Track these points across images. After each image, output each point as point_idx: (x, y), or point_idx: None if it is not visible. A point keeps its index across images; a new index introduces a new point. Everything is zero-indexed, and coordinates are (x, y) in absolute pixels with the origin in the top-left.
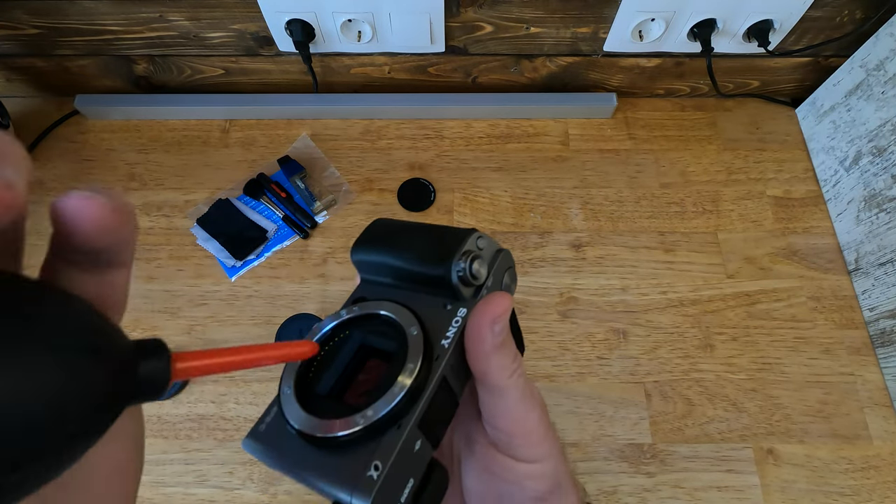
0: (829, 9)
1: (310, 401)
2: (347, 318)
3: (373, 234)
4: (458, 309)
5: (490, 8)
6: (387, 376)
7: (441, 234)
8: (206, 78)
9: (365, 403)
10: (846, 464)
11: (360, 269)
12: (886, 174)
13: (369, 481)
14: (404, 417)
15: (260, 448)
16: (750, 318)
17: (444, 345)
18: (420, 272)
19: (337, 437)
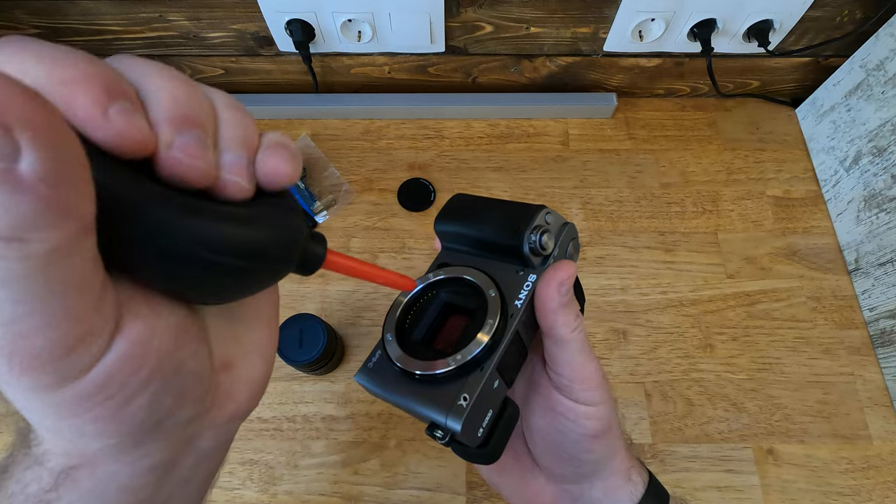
0: (829, 9)
1: (407, 345)
2: (435, 280)
3: (453, 207)
4: (528, 275)
5: (490, 8)
6: (471, 328)
7: (514, 210)
8: (206, 78)
9: (454, 350)
10: (846, 464)
11: (443, 239)
12: (886, 174)
13: (460, 408)
14: (486, 362)
15: (370, 380)
16: (750, 318)
17: (517, 305)
18: (496, 242)
19: (435, 375)
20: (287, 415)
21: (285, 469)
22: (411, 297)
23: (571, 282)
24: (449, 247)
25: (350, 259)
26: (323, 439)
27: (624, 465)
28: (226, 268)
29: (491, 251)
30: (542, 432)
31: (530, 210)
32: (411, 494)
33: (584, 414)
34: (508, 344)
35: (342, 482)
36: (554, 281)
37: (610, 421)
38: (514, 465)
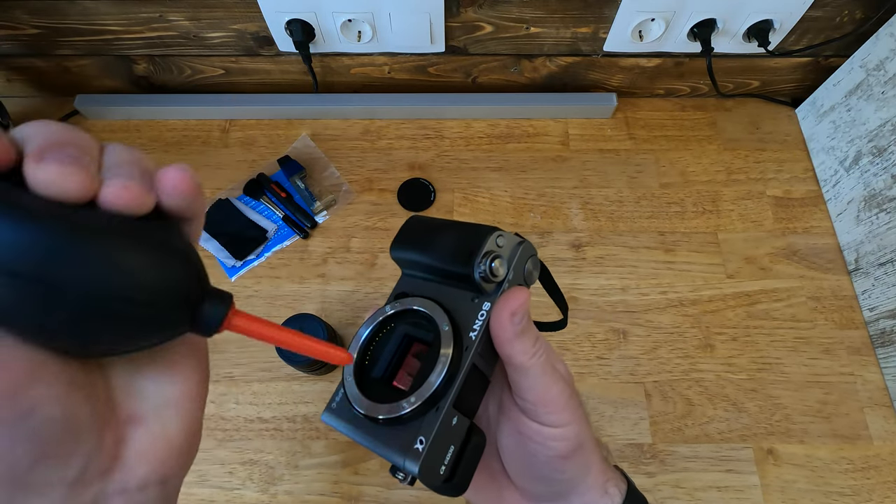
0: (829, 9)
1: (367, 384)
2: (391, 313)
3: (407, 233)
4: (483, 303)
5: (490, 8)
6: (425, 366)
7: (465, 234)
8: (206, 78)
9: (409, 390)
10: (846, 464)
11: (400, 265)
12: (886, 174)
13: (416, 452)
14: (441, 400)
15: (335, 421)
16: (750, 318)
17: (471, 336)
18: (449, 270)
19: (391, 418)
20: (287, 415)
21: (285, 469)
22: (370, 333)
23: (524, 310)
24: (407, 273)
25: (264, 323)
26: (323, 439)
27: (599, 479)
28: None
29: (446, 277)
30: (513, 454)
31: (480, 233)
32: (411, 494)
33: (552, 436)
34: (465, 378)
35: (342, 482)
36: (506, 311)
37: (580, 439)
38: (490, 483)
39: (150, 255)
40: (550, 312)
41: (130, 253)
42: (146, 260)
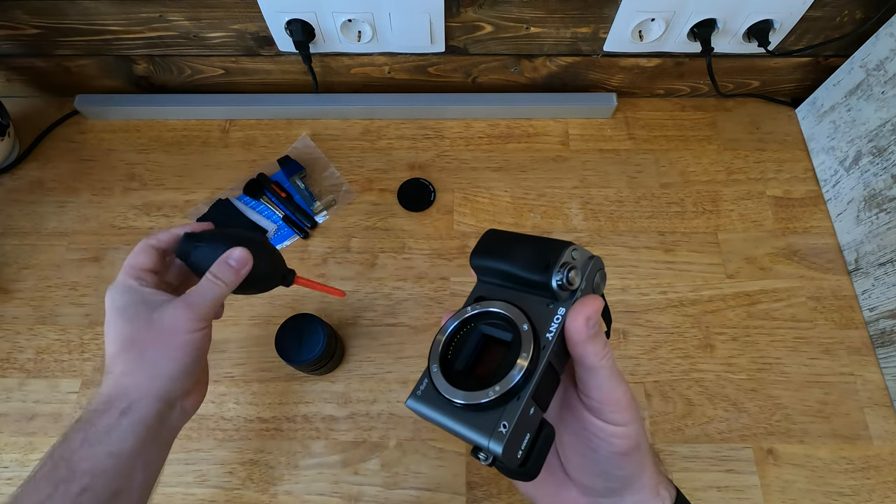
0: (829, 9)
1: (451, 375)
2: (472, 313)
3: (487, 242)
4: (558, 308)
5: (490, 8)
6: (508, 359)
7: (543, 247)
8: (206, 78)
9: (494, 380)
10: (846, 464)
11: (478, 272)
12: (886, 174)
13: (500, 434)
14: (522, 391)
15: (421, 405)
16: (750, 318)
17: (548, 337)
18: (527, 278)
19: (478, 404)
20: (287, 415)
21: (285, 469)
22: (452, 330)
23: (598, 315)
24: (484, 280)
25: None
26: (323, 439)
27: (653, 480)
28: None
29: (522, 285)
30: (574, 449)
31: (558, 247)
32: (411, 494)
33: (614, 433)
34: (542, 373)
35: (342, 482)
36: (582, 315)
37: (638, 439)
38: (549, 478)
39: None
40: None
41: (274, 255)
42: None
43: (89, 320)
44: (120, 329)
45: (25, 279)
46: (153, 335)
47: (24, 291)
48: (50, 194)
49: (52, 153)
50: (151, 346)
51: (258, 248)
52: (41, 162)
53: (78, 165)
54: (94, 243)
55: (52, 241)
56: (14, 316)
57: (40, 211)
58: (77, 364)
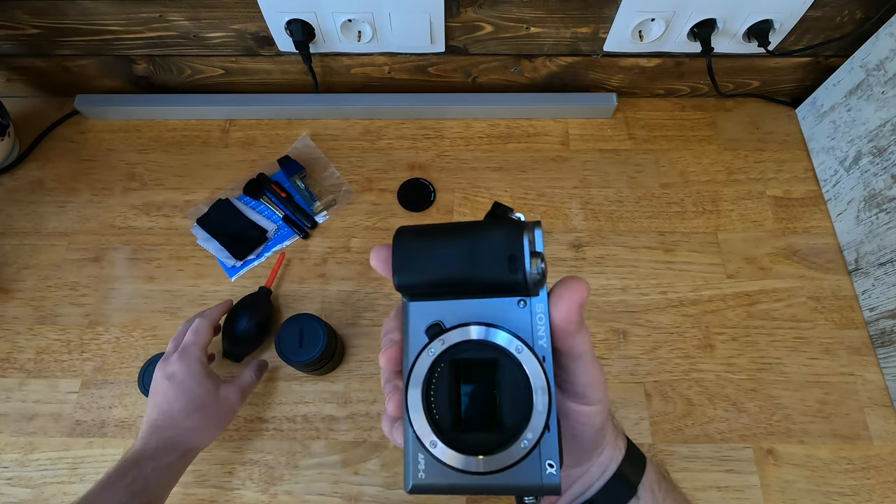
0: (829, 9)
1: (449, 437)
2: (444, 350)
3: (410, 252)
4: (534, 304)
5: (490, 8)
6: (508, 388)
7: (492, 237)
8: (206, 78)
9: (507, 421)
10: (846, 464)
11: (407, 293)
12: (886, 174)
13: (552, 477)
14: (549, 420)
15: (430, 487)
16: (750, 318)
17: (542, 345)
18: (489, 282)
19: (511, 464)
20: (287, 415)
21: (285, 469)
22: (424, 383)
23: (587, 298)
24: (419, 299)
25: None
26: (323, 439)
27: (612, 436)
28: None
29: (480, 290)
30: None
31: (512, 233)
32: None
33: (592, 413)
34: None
35: (342, 482)
36: (575, 303)
37: (608, 412)
38: None
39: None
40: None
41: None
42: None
43: (89, 320)
44: (192, 394)
45: (25, 279)
46: (216, 406)
47: (24, 291)
48: (50, 194)
49: (52, 153)
50: (213, 415)
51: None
52: (41, 162)
53: (78, 165)
54: (94, 243)
55: (52, 241)
56: (14, 316)
57: (40, 211)
58: (77, 364)
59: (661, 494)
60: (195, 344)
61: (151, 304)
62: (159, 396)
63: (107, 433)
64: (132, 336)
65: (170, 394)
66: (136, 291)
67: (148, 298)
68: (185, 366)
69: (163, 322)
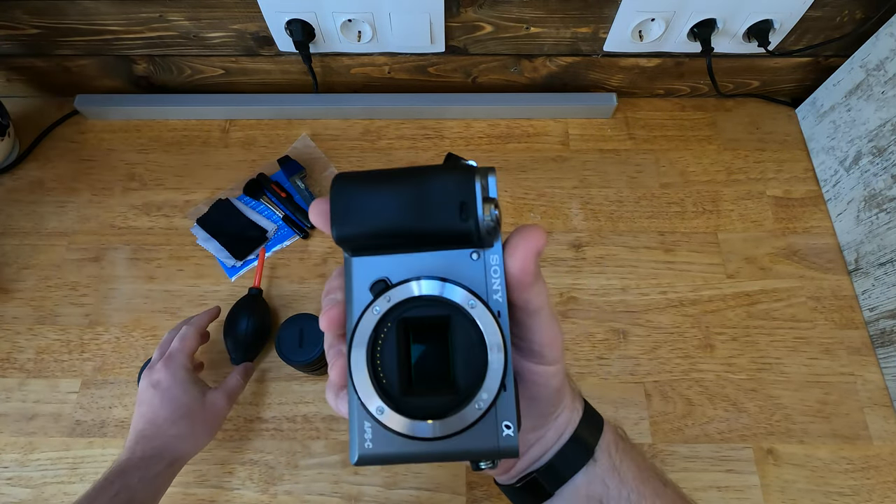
0: (829, 9)
1: (401, 404)
2: (389, 308)
3: (350, 199)
4: (489, 256)
5: (490, 8)
6: (461, 346)
7: (440, 183)
8: (206, 78)
9: (461, 380)
10: (846, 464)
11: (349, 247)
12: (886, 174)
13: (509, 439)
14: (505, 378)
15: (377, 456)
16: (750, 318)
17: (497, 300)
18: (438, 231)
19: (464, 428)
20: (287, 415)
21: (285, 469)
22: (369, 341)
23: (545, 246)
24: (362, 253)
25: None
26: (323, 439)
27: (570, 398)
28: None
29: (428, 242)
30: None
31: (462, 177)
32: (411, 494)
33: (551, 373)
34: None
35: (342, 482)
36: (532, 252)
37: (565, 370)
38: None
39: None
40: None
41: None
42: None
43: (89, 320)
44: (178, 401)
45: (25, 279)
46: (203, 413)
47: (24, 291)
48: (50, 194)
49: (52, 153)
50: (200, 422)
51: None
52: (41, 162)
53: (78, 165)
54: (94, 243)
55: (52, 241)
56: (14, 316)
57: (40, 211)
58: (77, 364)
59: (618, 456)
60: (181, 351)
61: (151, 304)
62: (145, 405)
63: (107, 433)
64: (132, 336)
65: (155, 402)
66: (136, 291)
67: (148, 298)
68: (171, 373)
69: (163, 322)
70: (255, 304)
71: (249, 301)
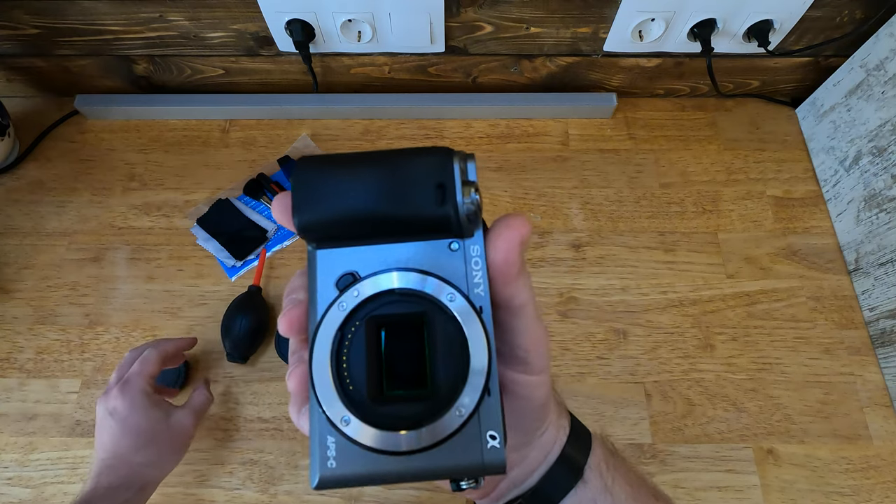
0: (829, 9)
1: (369, 413)
2: (356, 304)
3: (315, 185)
4: (470, 247)
5: (490, 8)
6: (441, 347)
7: (415, 165)
8: (206, 78)
9: (448, 391)
10: (846, 464)
11: (316, 235)
12: (886, 174)
13: (495, 451)
14: (489, 381)
15: (346, 480)
16: (750, 318)
17: (479, 293)
18: (412, 218)
19: (443, 439)
20: (287, 415)
21: (285, 469)
22: (334, 343)
23: (529, 236)
24: (328, 244)
25: None
26: None
27: (556, 414)
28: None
29: (403, 231)
30: None
31: (438, 160)
32: (411, 494)
33: (536, 384)
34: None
35: None
36: (516, 242)
37: (550, 383)
38: None
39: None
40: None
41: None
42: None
43: (89, 320)
44: (139, 428)
45: (25, 279)
46: (168, 437)
47: (24, 291)
48: (50, 194)
49: (52, 153)
50: (167, 446)
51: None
52: (41, 162)
53: (78, 165)
54: (94, 243)
55: (52, 241)
56: (14, 316)
57: (40, 211)
58: (77, 364)
59: (609, 475)
60: (139, 374)
61: (151, 304)
62: (105, 435)
63: None
64: (132, 336)
65: (115, 431)
66: (136, 291)
67: (148, 298)
68: (128, 400)
69: (163, 322)
70: (254, 302)
71: (248, 299)
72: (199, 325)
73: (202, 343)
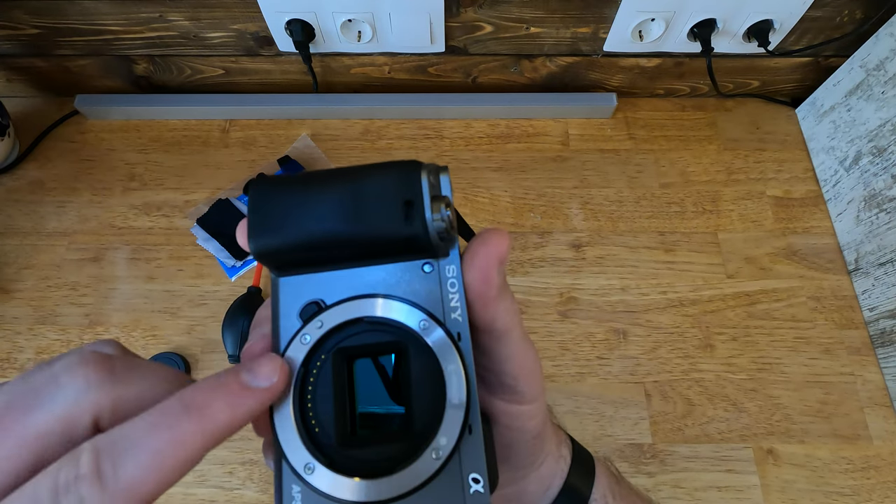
0: (829, 9)
1: (336, 459)
2: (320, 336)
3: (273, 206)
4: (444, 267)
5: (490, 8)
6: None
7: (382, 180)
8: (206, 78)
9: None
10: (846, 464)
11: (276, 262)
12: (886, 174)
13: (479, 496)
14: (470, 415)
15: None
16: (750, 318)
17: (456, 319)
18: (380, 238)
19: (419, 485)
20: None
21: None
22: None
23: (507, 255)
24: (288, 271)
25: None
26: None
27: (554, 443)
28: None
29: (370, 254)
30: None
31: (406, 174)
32: None
33: (528, 414)
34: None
35: None
36: (493, 259)
37: (545, 411)
38: None
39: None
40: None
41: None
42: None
43: (89, 320)
44: None
45: (25, 279)
46: None
47: (24, 291)
48: (50, 194)
49: (52, 153)
50: None
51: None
52: (41, 162)
53: (78, 165)
54: (94, 243)
55: (52, 241)
56: (14, 316)
57: (40, 211)
58: None
59: (615, 503)
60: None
61: (151, 304)
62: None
63: None
64: (132, 336)
65: None
66: (135, 291)
67: (148, 298)
68: None
69: (163, 322)
70: (254, 303)
71: (248, 300)
72: (199, 325)
73: (202, 343)
